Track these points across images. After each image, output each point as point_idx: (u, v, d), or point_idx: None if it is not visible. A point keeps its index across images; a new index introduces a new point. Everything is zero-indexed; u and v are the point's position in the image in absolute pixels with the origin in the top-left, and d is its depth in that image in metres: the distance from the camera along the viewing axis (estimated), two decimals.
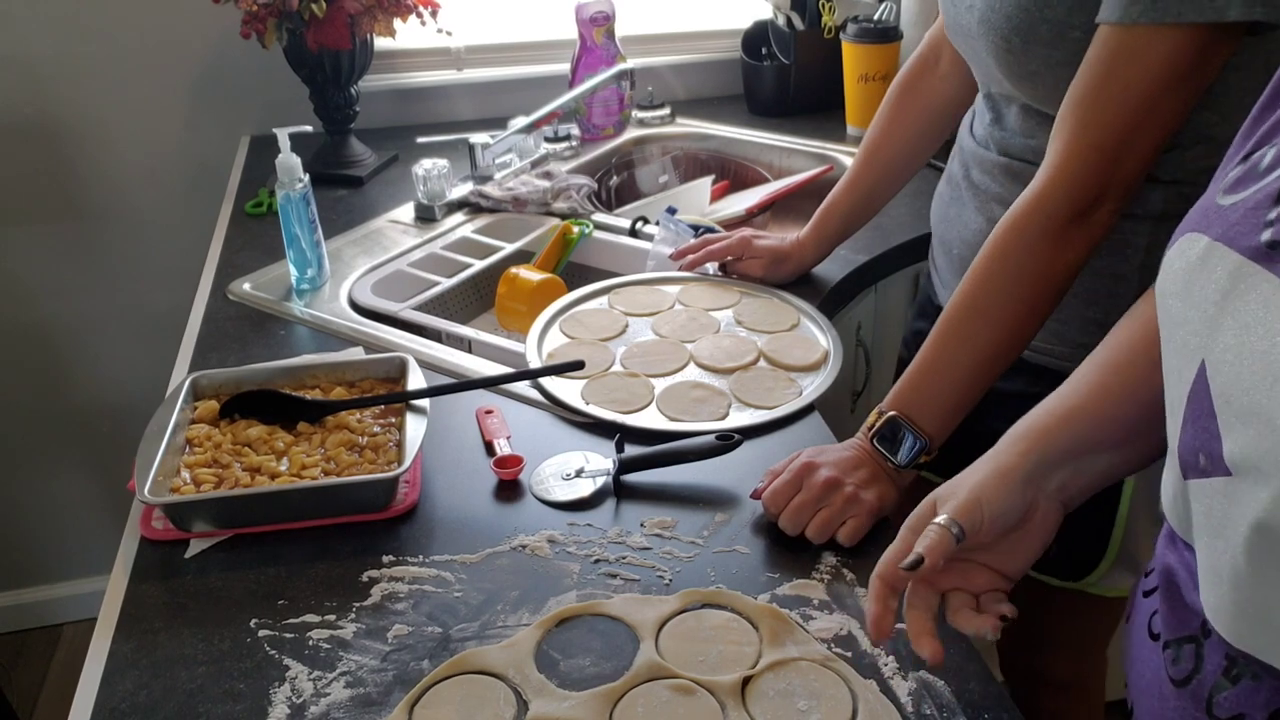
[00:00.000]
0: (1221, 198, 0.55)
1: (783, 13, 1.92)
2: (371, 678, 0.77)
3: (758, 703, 0.74)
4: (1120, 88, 0.80)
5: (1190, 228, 0.56)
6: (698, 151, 1.89)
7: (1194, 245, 0.54)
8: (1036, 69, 0.90)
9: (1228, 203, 0.54)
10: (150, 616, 0.84)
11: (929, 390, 0.92)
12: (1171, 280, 0.56)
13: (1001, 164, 1.02)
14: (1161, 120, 0.82)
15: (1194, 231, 0.55)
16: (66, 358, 1.98)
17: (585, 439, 1.04)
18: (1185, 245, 0.55)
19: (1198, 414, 0.52)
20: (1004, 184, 1.02)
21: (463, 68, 1.96)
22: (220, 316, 1.29)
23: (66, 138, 1.81)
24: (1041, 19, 0.87)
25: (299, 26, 1.57)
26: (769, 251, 1.31)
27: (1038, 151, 0.97)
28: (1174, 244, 0.57)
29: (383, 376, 1.08)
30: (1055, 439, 0.72)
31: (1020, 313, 0.89)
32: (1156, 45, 0.78)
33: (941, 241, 1.14)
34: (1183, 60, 0.78)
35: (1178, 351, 0.55)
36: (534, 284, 1.33)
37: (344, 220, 1.56)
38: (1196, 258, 0.54)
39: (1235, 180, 0.55)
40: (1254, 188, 0.52)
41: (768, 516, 0.92)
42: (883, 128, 1.23)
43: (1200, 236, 0.54)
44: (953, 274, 1.12)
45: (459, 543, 0.91)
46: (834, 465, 0.91)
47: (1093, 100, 0.83)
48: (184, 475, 0.94)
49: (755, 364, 1.15)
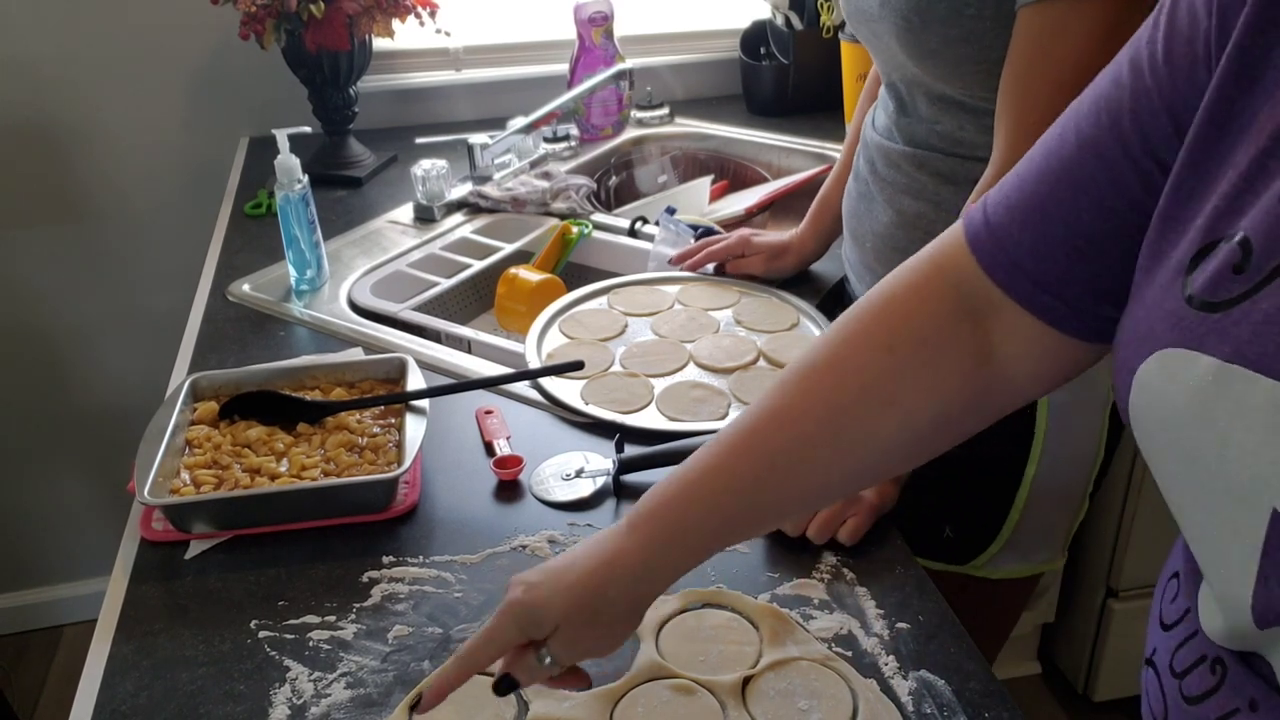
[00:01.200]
0: (1201, 305, 0.46)
1: (781, 12, 1.92)
2: (372, 678, 0.77)
3: (758, 702, 0.74)
4: (1053, 66, 0.83)
5: (1167, 342, 0.47)
6: (697, 151, 1.89)
7: (1190, 367, 0.46)
8: (935, 47, 0.92)
9: (1217, 315, 0.45)
10: (150, 618, 0.84)
11: None
12: (1167, 409, 0.47)
13: (907, 154, 1.04)
14: None
15: (1178, 348, 0.46)
16: (66, 359, 1.98)
17: (585, 439, 1.04)
18: (1172, 366, 0.47)
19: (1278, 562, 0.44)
20: (910, 174, 1.04)
21: (461, 68, 1.96)
22: (220, 318, 1.29)
23: (65, 139, 1.81)
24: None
25: (297, 27, 1.57)
26: (768, 247, 1.31)
27: (945, 137, 1.00)
28: (1143, 361, 0.48)
29: (382, 377, 1.08)
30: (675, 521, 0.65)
31: None
32: (1079, 18, 0.81)
33: (854, 236, 1.16)
34: (1105, 27, 0.80)
35: (1222, 499, 0.45)
36: (533, 284, 1.33)
37: (343, 221, 1.56)
38: (1207, 383, 0.45)
39: (1210, 281, 0.46)
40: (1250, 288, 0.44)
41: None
42: (862, 116, 1.24)
43: (1196, 355, 0.45)
44: (867, 268, 1.14)
45: (459, 543, 0.91)
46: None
47: (1028, 82, 0.85)
48: (184, 476, 0.94)
49: (755, 364, 1.15)
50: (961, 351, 0.63)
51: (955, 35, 0.90)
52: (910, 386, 0.63)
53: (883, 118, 1.09)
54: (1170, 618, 0.57)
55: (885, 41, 0.99)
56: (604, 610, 0.65)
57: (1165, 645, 0.57)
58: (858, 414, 0.63)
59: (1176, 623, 0.56)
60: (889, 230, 1.07)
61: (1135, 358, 0.49)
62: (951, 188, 1.01)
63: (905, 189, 1.04)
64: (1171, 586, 0.58)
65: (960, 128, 0.99)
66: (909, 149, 1.04)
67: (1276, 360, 0.42)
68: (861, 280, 1.17)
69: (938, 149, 1.01)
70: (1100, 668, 1.85)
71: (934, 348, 0.63)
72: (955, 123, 0.99)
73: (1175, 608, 0.57)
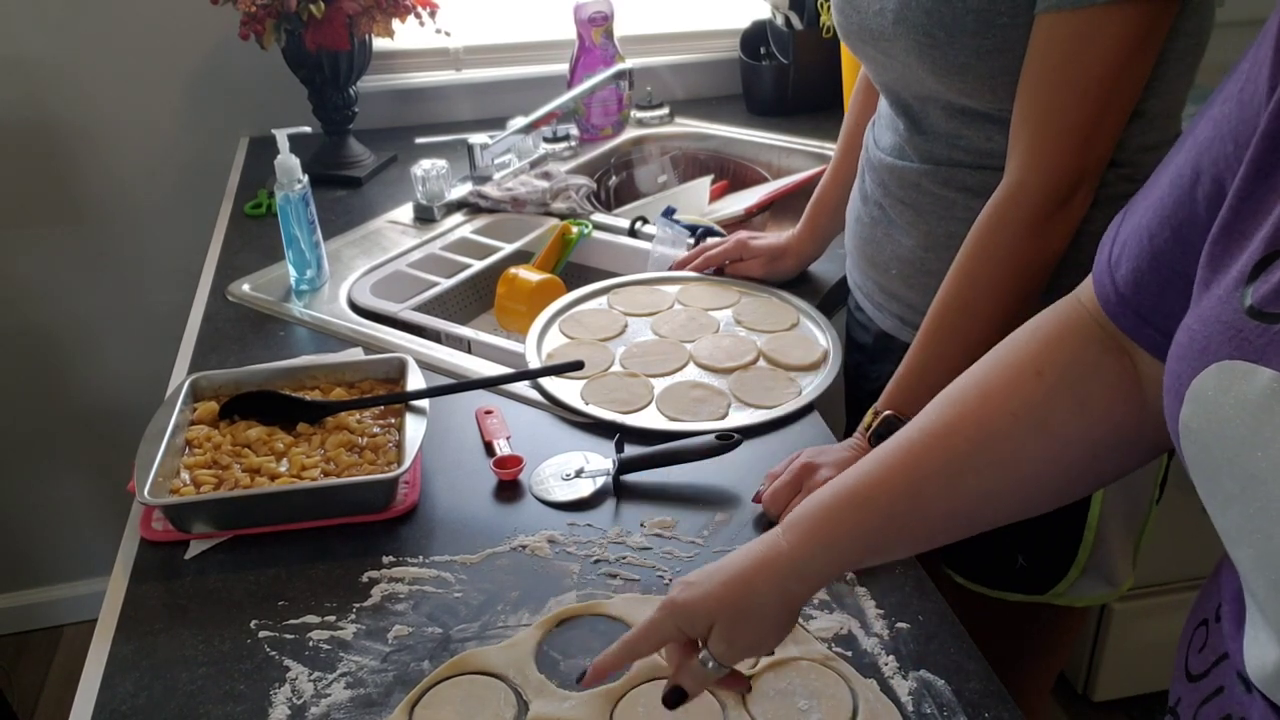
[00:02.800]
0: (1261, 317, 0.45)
1: (781, 12, 1.92)
2: (372, 678, 0.77)
3: (758, 702, 0.74)
4: (1079, 72, 0.81)
5: (1225, 355, 0.46)
6: (696, 151, 1.89)
7: (1248, 380, 0.44)
8: (966, 60, 0.89)
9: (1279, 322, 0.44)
10: (150, 618, 0.84)
11: (922, 387, 0.90)
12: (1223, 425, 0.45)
13: (928, 172, 0.99)
14: (1125, 97, 0.83)
15: (1234, 360, 0.45)
16: (66, 359, 1.98)
17: (585, 439, 1.04)
18: (1229, 379, 0.45)
19: None
20: (935, 193, 1.00)
21: (461, 68, 1.96)
22: (220, 318, 1.29)
23: (65, 139, 1.81)
24: (965, 9, 0.86)
25: (297, 27, 1.57)
26: (766, 250, 1.31)
27: (971, 150, 0.96)
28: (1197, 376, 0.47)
29: (382, 377, 1.08)
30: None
31: (1009, 305, 0.89)
32: (1109, 25, 0.79)
33: (873, 264, 1.10)
34: (1136, 36, 0.79)
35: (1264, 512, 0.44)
36: (533, 284, 1.33)
37: (343, 221, 1.56)
38: (1264, 397, 0.43)
39: (1275, 290, 0.45)
40: None
41: (769, 517, 0.92)
42: (855, 115, 1.21)
43: (1253, 367, 0.44)
44: (891, 296, 1.09)
45: (459, 543, 0.91)
46: (833, 466, 0.91)
47: (1054, 88, 0.83)
48: (184, 476, 0.94)
49: (755, 364, 1.15)
50: (1109, 377, 0.63)
51: (988, 47, 0.86)
52: (1059, 410, 0.63)
53: (890, 137, 1.04)
54: (1197, 668, 0.56)
55: (900, 60, 0.95)
56: (755, 608, 0.67)
57: (1190, 698, 0.56)
58: (1008, 434, 0.64)
59: (1204, 674, 0.55)
60: (916, 255, 1.03)
61: (1189, 372, 0.47)
62: (984, 200, 0.93)
63: (931, 210, 1.00)
64: (1199, 635, 0.57)
65: (989, 139, 0.94)
66: (928, 167, 0.99)
67: None
68: (882, 309, 1.12)
69: (964, 164, 0.97)
70: (1100, 668, 1.85)
71: (1082, 368, 0.63)
72: (982, 134, 0.94)
73: (1203, 658, 0.56)
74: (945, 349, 0.91)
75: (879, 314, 1.13)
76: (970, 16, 0.86)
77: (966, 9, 0.86)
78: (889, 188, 1.04)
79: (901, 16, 0.91)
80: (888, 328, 1.12)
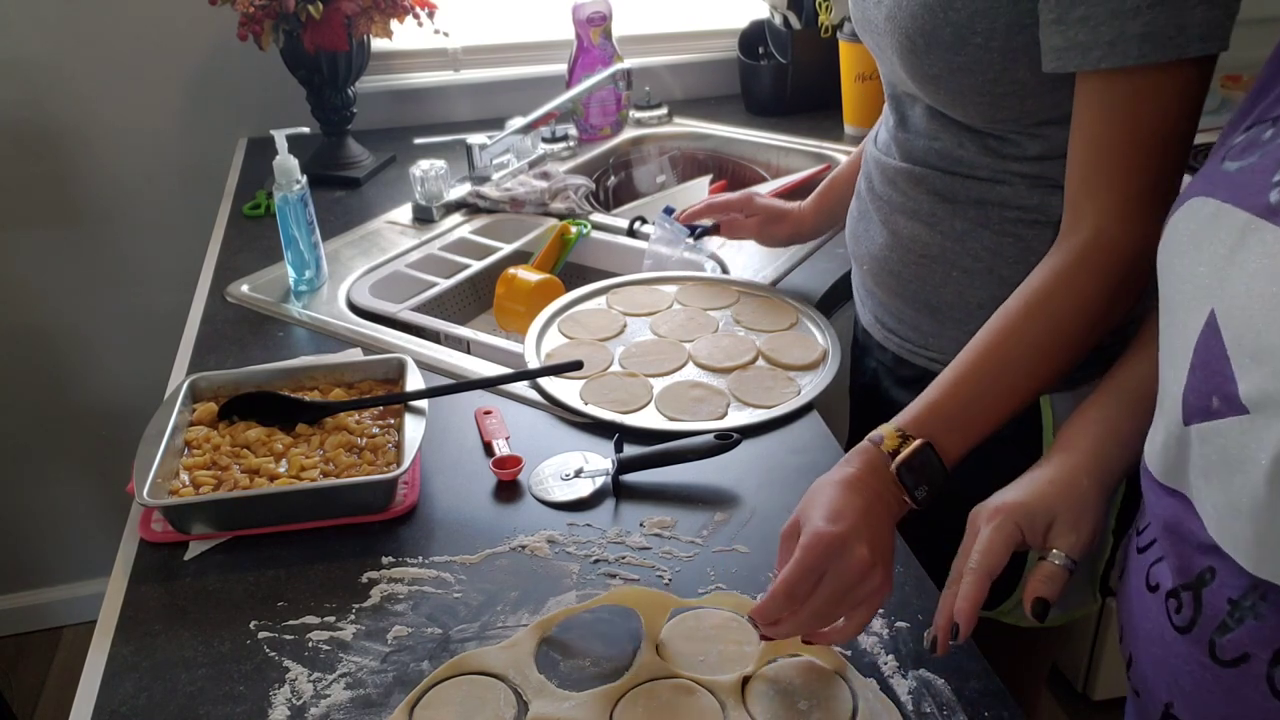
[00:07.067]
0: (1226, 164, 0.59)
1: (780, 12, 1.92)
2: (371, 679, 0.77)
3: (758, 702, 0.74)
4: (1148, 131, 0.79)
5: (1196, 192, 0.60)
6: (695, 151, 1.89)
7: (1203, 207, 0.59)
8: (938, 72, 0.89)
9: (1234, 168, 0.58)
10: (150, 619, 0.84)
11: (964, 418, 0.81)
12: (1177, 240, 0.61)
13: (904, 170, 0.99)
14: (1184, 149, 0.81)
15: (1201, 196, 0.60)
16: (65, 360, 1.98)
17: (584, 439, 1.04)
18: (1193, 208, 0.60)
19: (1206, 360, 0.56)
20: (906, 192, 0.99)
21: (460, 68, 1.96)
22: (218, 318, 1.29)
23: (65, 139, 1.81)
24: (945, 21, 0.85)
25: (296, 28, 1.57)
26: (766, 209, 1.29)
27: (943, 155, 0.96)
28: (1179, 208, 0.62)
29: (381, 377, 1.08)
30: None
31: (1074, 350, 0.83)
32: (1171, 82, 0.77)
33: (854, 258, 1.12)
34: (1195, 90, 0.78)
35: (1183, 305, 0.59)
36: (532, 284, 1.33)
37: (342, 221, 1.56)
38: (1206, 218, 0.58)
39: (1239, 149, 0.60)
40: (1259, 154, 0.57)
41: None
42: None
43: (1208, 200, 0.59)
44: (868, 292, 1.09)
45: (458, 543, 0.91)
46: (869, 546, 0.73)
47: (1125, 149, 0.80)
48: (183, 477, 0.94)
49: (754, 363, 1.16)
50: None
51: (960, 64, 0.86)
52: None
53: (884, 132, 1.05)
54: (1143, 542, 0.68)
55: (888, 56, 0.95)
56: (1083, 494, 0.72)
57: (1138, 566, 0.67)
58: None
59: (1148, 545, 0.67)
60: (883, 252, 1.03)
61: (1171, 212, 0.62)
62: (948, 207, 0.96)
63: (900, 208, 1.00)
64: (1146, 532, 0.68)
65: (959, 145, 0.94)
66: (905, 165, 0.99)
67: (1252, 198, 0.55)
68: (864, 305, 1.12)
69: (935, 166, 0.97)
70: (1100, 667, 1.85)
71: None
72: (954, 140, 0.94)
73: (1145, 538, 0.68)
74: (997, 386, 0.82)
75: (860, 308, 1.15)
76: (948, 30, 0.86)
77: (946, 21, 0.86)
78: (873, 182, 1.05)
79: (892, 15, 0.91)
80: (865, 322, 1.13)
